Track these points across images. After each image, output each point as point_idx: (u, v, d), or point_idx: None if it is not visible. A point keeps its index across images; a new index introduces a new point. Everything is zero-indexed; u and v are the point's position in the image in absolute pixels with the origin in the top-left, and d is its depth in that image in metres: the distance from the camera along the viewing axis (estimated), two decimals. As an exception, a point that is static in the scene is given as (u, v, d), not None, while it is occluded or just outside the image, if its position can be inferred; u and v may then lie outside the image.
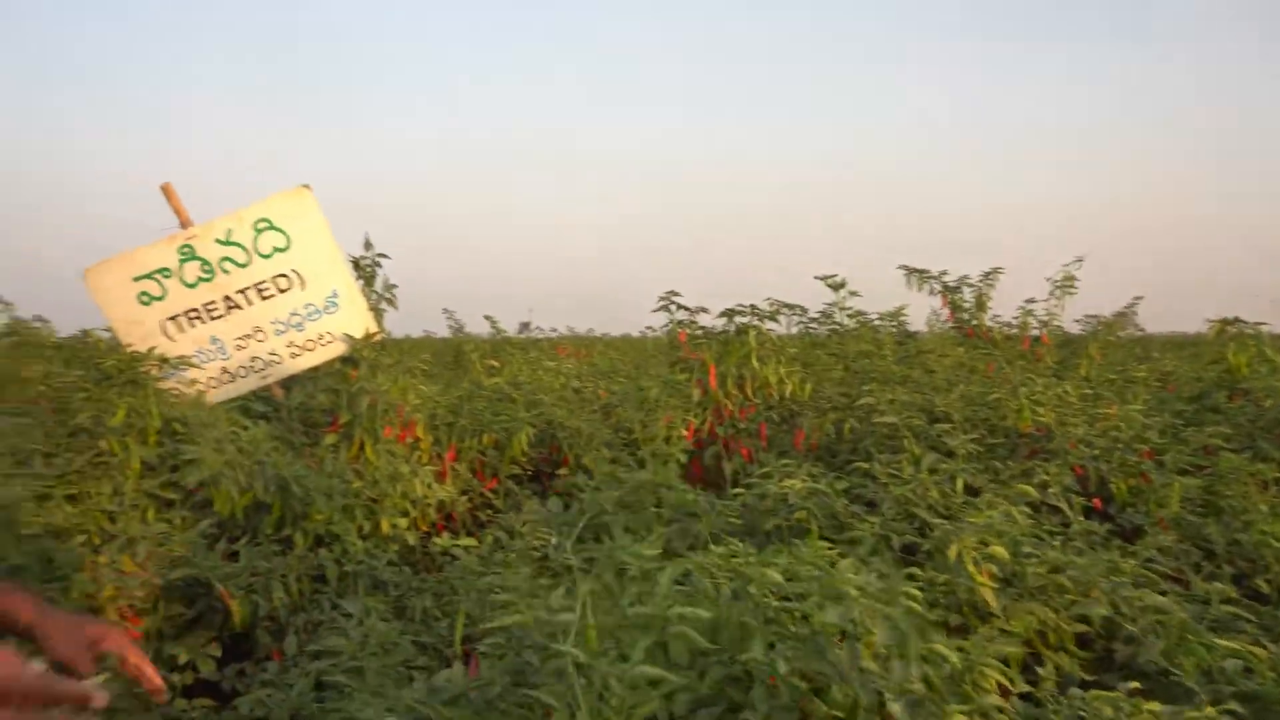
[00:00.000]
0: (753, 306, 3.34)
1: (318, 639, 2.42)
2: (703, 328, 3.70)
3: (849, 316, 3.54)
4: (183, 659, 2.31)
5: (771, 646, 1.23)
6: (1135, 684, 1.38)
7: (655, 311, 3.85)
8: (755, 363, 3.41)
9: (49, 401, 2.62)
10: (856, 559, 1.52)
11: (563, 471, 3.25)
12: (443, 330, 6.49)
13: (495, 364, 4.35)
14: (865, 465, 2.47)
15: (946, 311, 4.82)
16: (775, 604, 1.33)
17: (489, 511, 3.60)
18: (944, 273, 4.77)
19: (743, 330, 3.42)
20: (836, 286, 3.39)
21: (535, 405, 3.67)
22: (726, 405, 3.56)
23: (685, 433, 3.50)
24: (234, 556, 2.44)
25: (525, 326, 7.40)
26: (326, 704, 1.92)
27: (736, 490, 2.16)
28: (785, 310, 3.45)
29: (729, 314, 3.39)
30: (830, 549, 1.63)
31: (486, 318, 4.73)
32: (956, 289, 4.73)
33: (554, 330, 7.89)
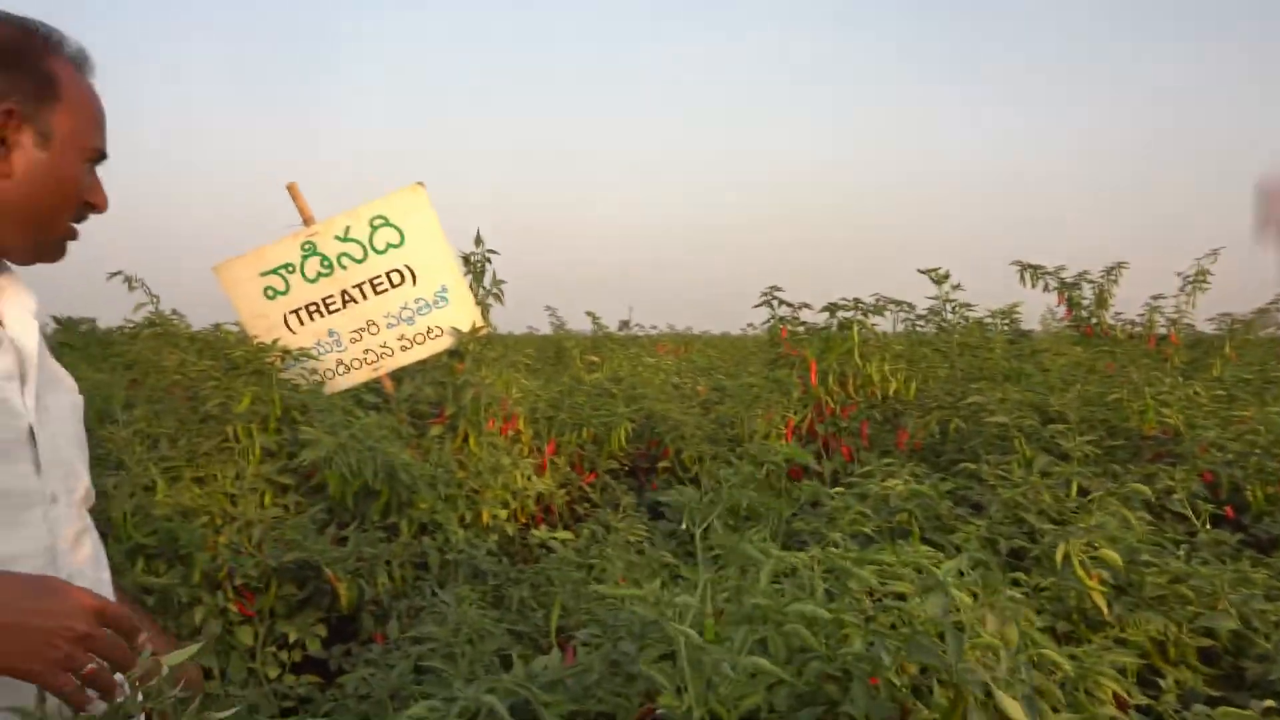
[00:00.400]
0: (857, 300, 3.27)
1: (417, 624, 2.52)
2: (805, 323, 3.64)
3: (953, 311, 3.42)
4: (292, 637, 2.42)
5: (870, 645, 1.20)
6: (1270, 703, 1.29)
7: (756, 307, 3.82)
8: (858, 359, 3.33)
9: (182, 389, 2.79)
10: (959, 561, 1.47)
11: (664, 464, 3.26)
12: (545, 327, 6.59)
13: (596, 360, 4.39)
14: (972, 466, 2.39)
15: (1064, 309, 4.60)
16: (871, 603, 1.30)
17: (586, 505, 3.64)
18: (1061, 268, 4.56)
19: (846, 325, 3.34)
20: (940, 280, 3.28)
21: (635, 400, 3.69)
22: (828, 402, 3.49)
23: (785, 430, 3.45)
24: (342, 542, 2.55)
25: (625, 324, 7.44)
26: (425, 685, 1.99)
27: (836, 489, 2.12)
28: (891, 307, 3.36)
29: (831, 308, 3.33)
30: (933, 551, 1.58)
31: (588, 314, 4.78)
32: (1075, 285, 4.51)
33: (654, 327, 7.91)
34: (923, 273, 3.28)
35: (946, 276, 3.25)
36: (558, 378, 4.34)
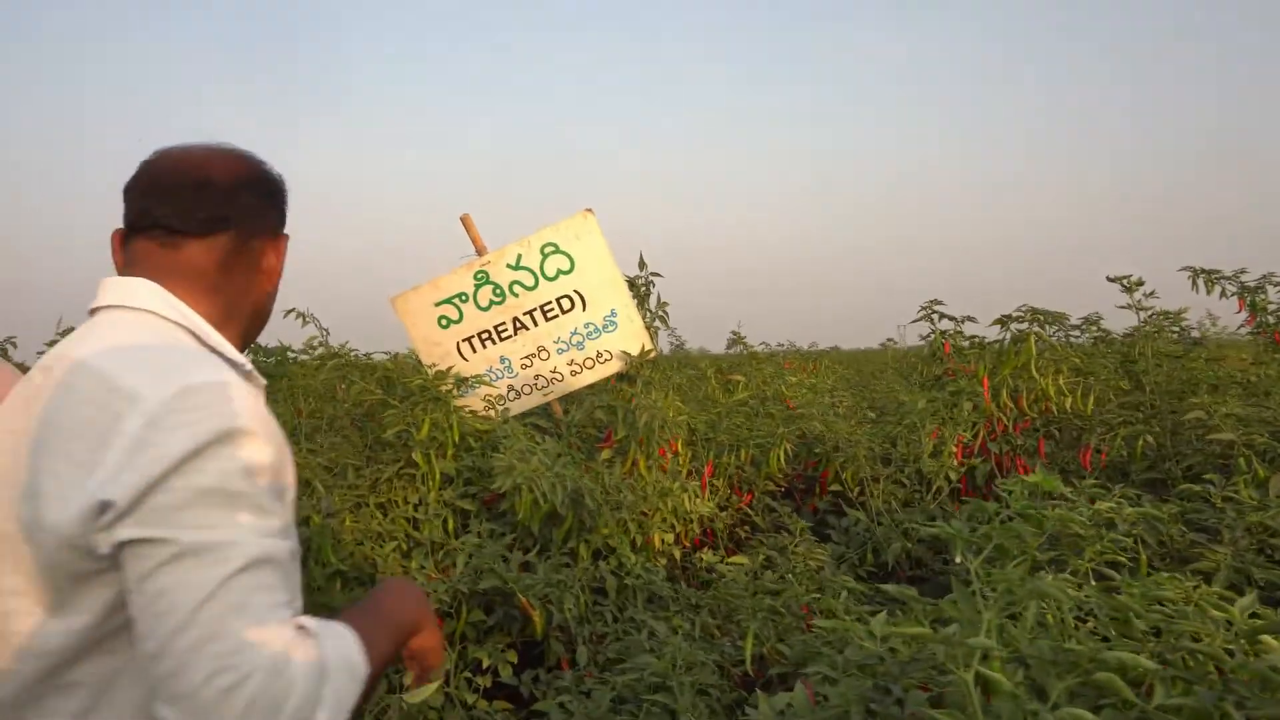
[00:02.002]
0: (1034, 311, 3.10)
1: (604, 650, 2.49)
2: (971, 337, 3.49)
3: (1148, 320, 3.20)
4: (485, 663, 2.43)
5: (1185, 693, 1.09)
6: None
7: (915, 322, 3.69)
8: (1035, 373, 3.16)
9: (362, 418, 2.86)
10: (1250, 600, 1.33)
11: (834, 486, 3.15)
12: (664, 346, 6.57)
13: (740, 379, 4.31)
14: (1194, 488, 2.20)
15: (1247, 315, 4.26)
16: (1173, 643, 1.18)
17: (746, 528, 3.57)
18: (1242, 271, 4.23)
19: (1020, 338, 3.18)
20: (1132, 287, 3.08)
21: (793, 420, 3.61)
22: (1000, 419, 3.33)
23: (955, 448, 3.31)
24: (526, 567, 2.55)
25: (734, 342, 7.33)
26: (633, 717, 1.94)
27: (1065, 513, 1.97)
28: (1061, 320, 3.18)
29: (1004, 320, 3.17)
30: (1178, 582, 1.45)
31: (733, 333, 4.70)
32: (1259, 289, 4.17)
33: (764, 344, 7.79)
34: (1113, 280, 3.09)
35: (1140, 283, 3.05)
36: (691, 398, 4.29)
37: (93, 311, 0.94)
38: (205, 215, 0.97)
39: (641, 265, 3.08)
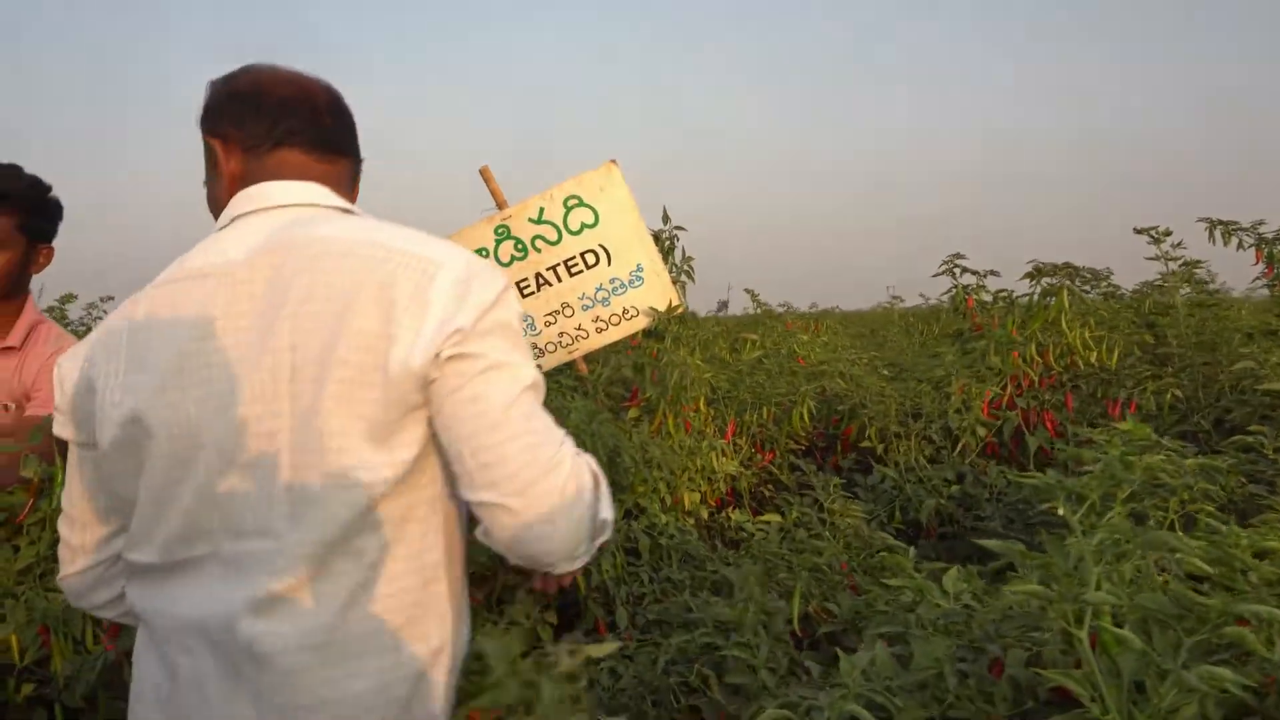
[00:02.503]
0: (1068, 265, 3.05)
1: (643, 611, 2.45)
2: (996, 292, 3.44)
3: (1178, 270, 3.16)
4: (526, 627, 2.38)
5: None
6: None
7: (936, 276, 3.63)
8: (1065, 327, 3.11)
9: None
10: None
11: (866, 443, 3.11)
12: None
13: (753, 337, 4.25)
14: (1247, 438, 2.16)
15: (1264, 267, 4.23)
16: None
17: (770, 487, 3.53)
18: (1260, 222, 4.19)
19: (1049, 292, 3.12)
20: (1160, 238, 3.02)
21: (815, 377, 3.55)
22: (1027, 374, 3.29)
23: (982, 404, 3.27)
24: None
25: (723, 305, 7.28)
26: (682, 678, 1.90)
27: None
28: (1099, 276, 3.12)
29: (1035, 274, 3.11)
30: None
31: (747, 291, 4.63)
32: (1278, 240, 4.14)
33: (783, 305, 7.73)
34: (1140, 231, 3.03)
35: (1168, 233, 2.99)
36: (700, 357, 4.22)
37: (246, 213, 1.02)
38: (342, 138, 1.11)
39: (665, 219, 2.99)
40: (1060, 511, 1.14)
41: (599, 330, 2.81)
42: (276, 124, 1.05)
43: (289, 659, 0.89)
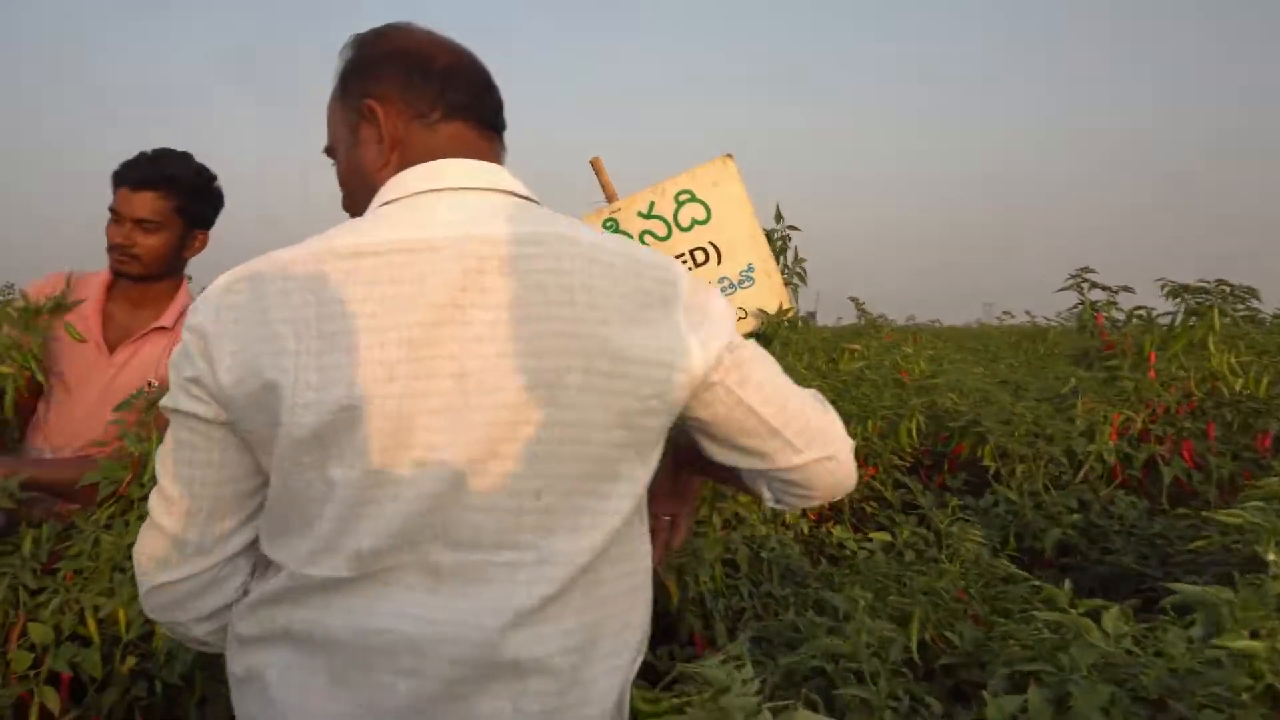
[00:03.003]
0: (1221, 283, 2.79)
1: (742, 627, 2.33)
2: (1133, 310, 3.19)
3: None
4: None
5: None
6: None
7: (1061, 290, 3.40)
8: (1212, 349, 2.86)
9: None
10: None
11: (988, 463, 2.93)
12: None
13: (857, 348, 4.08)
14: None
15: None
16: None
17: (874, 504, 3.36)
18: None
19: (1196, 312, 2.87)
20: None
21: (924, 391, 3.38)
22: (1162, 400, 3.04)
23: (1109, 429, 3.03)
24: (657, 533, 2.40)
25: (812, 315, 7.06)
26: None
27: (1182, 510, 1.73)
28: (1251, 295, 2.85)
29: (1179, 291, 2.86)
30: None
31: (851, 299, 4.47)
32: None
33: (881, 316, 7.49)
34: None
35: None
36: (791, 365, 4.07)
37: (449, 191, 0.94)
38: (501, 115, 1.03)
39: (778, 218, 2.87)
40: (1270, 558, 0.98)
41: (705, 331, 2.69)
42: (444, 92, 0.96)
43: (557, 661, 0.87)
